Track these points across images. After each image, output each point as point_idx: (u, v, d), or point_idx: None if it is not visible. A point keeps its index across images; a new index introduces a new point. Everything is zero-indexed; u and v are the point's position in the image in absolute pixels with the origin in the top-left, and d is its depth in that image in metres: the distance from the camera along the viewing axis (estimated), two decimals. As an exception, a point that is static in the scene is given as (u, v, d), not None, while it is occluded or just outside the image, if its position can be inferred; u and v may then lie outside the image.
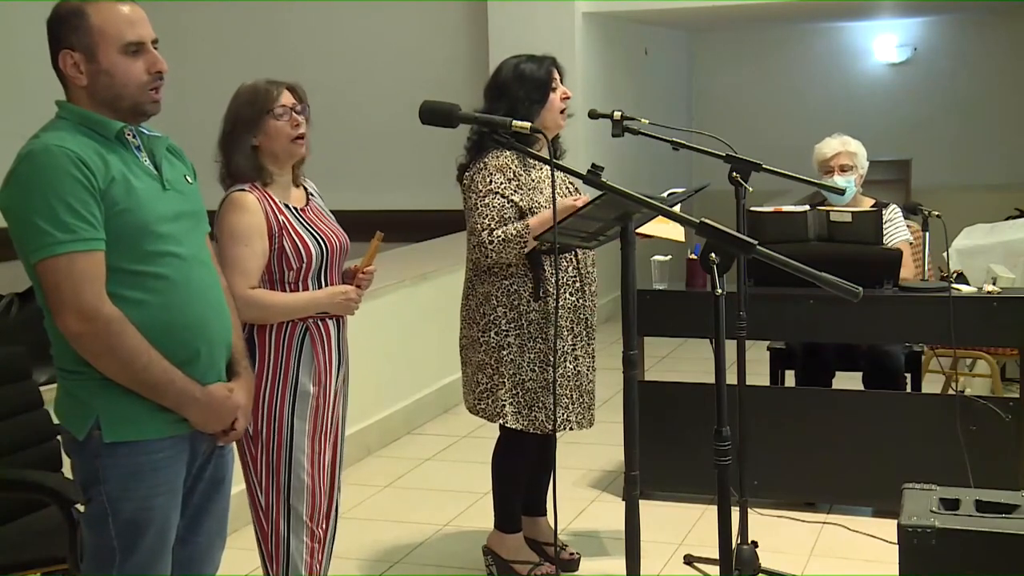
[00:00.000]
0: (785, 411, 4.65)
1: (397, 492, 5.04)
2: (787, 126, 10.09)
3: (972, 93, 10.05)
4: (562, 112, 3.84)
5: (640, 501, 3.05)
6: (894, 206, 4.92)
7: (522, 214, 3.74)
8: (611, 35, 8.65)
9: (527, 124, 2.45)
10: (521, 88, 3.74)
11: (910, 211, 4.72)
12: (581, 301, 3.86)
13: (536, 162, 3.81)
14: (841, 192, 4.40)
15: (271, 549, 3.14)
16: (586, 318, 3.89)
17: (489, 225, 3.70)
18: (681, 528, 4.47)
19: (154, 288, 2.46)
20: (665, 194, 3.51)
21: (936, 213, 4.34)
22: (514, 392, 3.79)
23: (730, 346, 2.84)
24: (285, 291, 3.10)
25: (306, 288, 3.12)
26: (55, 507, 2.98)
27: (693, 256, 4.73)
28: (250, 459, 3.11)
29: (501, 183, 3.72)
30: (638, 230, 3.70)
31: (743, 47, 10.71)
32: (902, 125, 10.08)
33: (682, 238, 3.99)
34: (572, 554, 4.15)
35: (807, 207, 4.76)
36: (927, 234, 4.50)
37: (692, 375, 5.67)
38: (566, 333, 3.83)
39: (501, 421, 3.85)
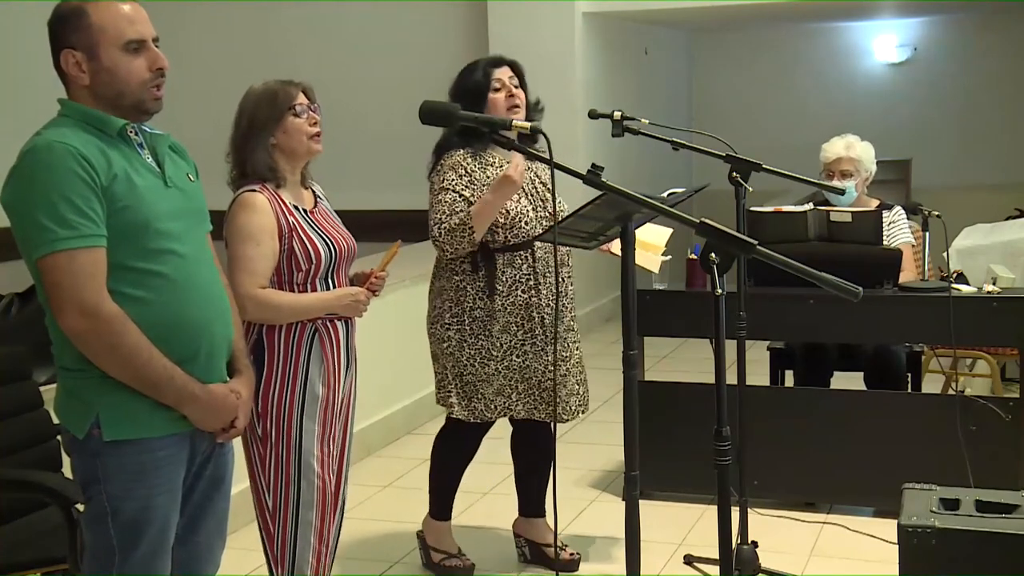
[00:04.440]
0: (785, 411, 4.65)
1: (397, 492, 5.04)
2: (787, 126, 10.09)
3: (972, 93, 10.04)
4: (513, 109, 3.83)
5: (640, 501, 3.05)
6: (898, 208, 4.92)
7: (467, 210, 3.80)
8: (611, 35, 8.65)
9: (527, 124, 2.45)
10: (462, 92, 3.80)
11: (910, 211, 4.72)
12: (535, 299, 3.88)
13: (492, 160, 3.86)
14: (841, 192, 4.40)
15: (276, 551, 3.14)
16: (543, 317, 3.90)
17: (440, 220, 3.77)
18: (681, 528, 4.47)
19: (155, 286, 2.46)
20: (665, 194, 3.51)
21: (936, 213, 4.34)
22: (456, 384, 3.90)
23: (730, 346, 2.84)
24: (294, 292, 3.11)
25: (314, 290, 3.13)
26: (55, 507, 2.98)
27: (693, 256, 4.73)
28: (258, 460, 3.11)
29: (453, 180, 3.80)
30: (613, 249, 3.74)
31: (743, 47, 10.70)
32: (902, 125, 10.07)
33: (656, 269, 3.98)
34: (572, 554, 4.15)
35: (808, 206, 4.77)
36: (927, 234, 4.49)
37: (692, 375, 5.68)
38: (514, 328, 3.86)
39: (450, 412, 3.95)
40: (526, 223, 3.83)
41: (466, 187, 3.79)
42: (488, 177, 3.82)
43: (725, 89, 10.74)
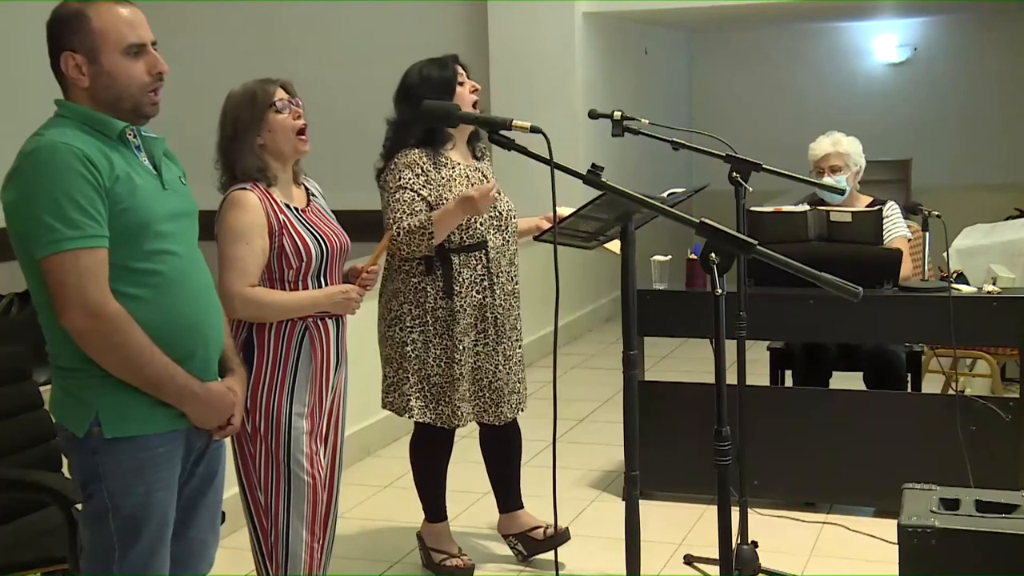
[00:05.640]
0: (785, 411, 4.65)
1: (397, 492, 5.04)
2: (787, 126, 10.08)
3: (972, 93, 10.05)
4: (474, 105, 3.90)
5: (640, 501, 3.05)
6: (892, 203, 4.93)
7: (431, 208, 3.81)
8: (611, 35, 8.65)
9: (527, 124, 2.45)
10: (428, 90, 3.78)
11: (910, 211, 4.71)
12: (490, 299, 3.90)
13: (447, 161, 3.87)
14: (841, 192, 4.40)
15: (270, 548, 3.15)
16: (495, 316, 3.93)
17: (400, 219, 3.77)
18: (681, 528, 4.47)
19: (154, 285, 2.48)
20: (665, 194, 3.51)
21: (936, 213, 4.34)
22: (420, 387, 3.88)
23: (730, 346, 2.84)
24: (285, 290, 3.11)
25: (306, 287, 3.13)
26: (55, 507, 2.98)
27: (693, 256, 4.73)
28: (249, 458, 3.11)
29: (409, 178, 3.81)
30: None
31: (743, 47, 10.70)
32: (902, 125, 10.07)
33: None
34: (549, 527, 4.16)
35: (807, 207, 4.77)
36: (927, 234, 4.49)
37: (692, 375, 5.67)
38: (471, 330, 3.88)
39: (407, 416, 3.94)
40: (480, 223, 3.86)
41: (423, 186, 3.81)
42: (443, 177, 3.84)
43: (725, 89, 10.74)
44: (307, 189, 3.29)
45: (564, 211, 3.30)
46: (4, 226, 2.45)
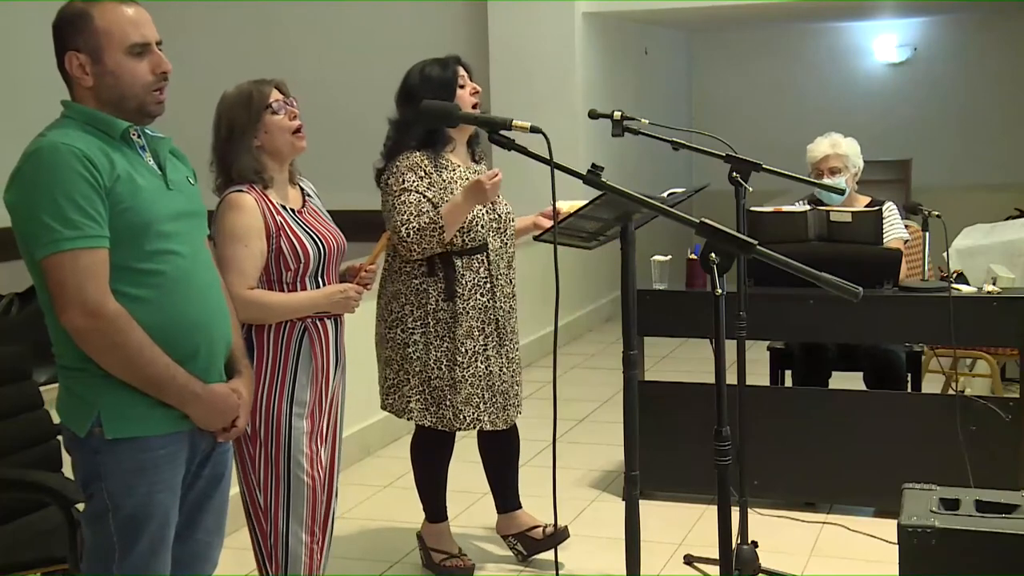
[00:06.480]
0: (785, 411, 4.65)
1: (397, 492, 5.04)
2: (787, 126, 10.09)
3: (972, 93, 10.05)
4: (474, 107, 3.89)
5: (640, 501, 3.05)
6: (890, 204, 4.93)
7: (435, 209, 3.79)
8: (611, 35, 8.65)
9: (527, 124, 2.45)
10: (428, 90, 3.76)
11: (910, 211, 4.72)
12: (492, 302, 3.90)
13: (448, 163, 3.87)
14: (841, 192, 4.40)
15: (270, 548, 3.15)
16: (497, 319, 3.93)
17: (407, 220, 3.76)
18: (681, 528, 4.47)
19: (156, 285, 2.47)
20: (665, 194, 3.51)
21: (936, 213, 4.34)
22: (420, 389, 3.87)
23: (730, 346, 2.84)
24: (283, 291, 3.11)
25: (304, 288, 3.13)
26: (55, 507, 2.98)
27: (693, 256, 4.73)
28: (249, 459, 3.11)
29: (413, 181, 3.79)
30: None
31: (743, 47, 10.71)
32: (902, 125, 10.07)
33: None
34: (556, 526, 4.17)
35: (806, 206, 4.77)
36: (927, 234, 4.49)
37: (692, 375, 5.67)
38: (476, 333, 3.87)
39: (407, 417, 3.93)
40: (482, 226, 3.86)
41: (427, 188, 3.79)
42: (444, 180, 3.83)
43: (725, 89, 10.75)
44: (302, 189, 3.29)
45: (564, 204, 3.32)
46: (4, 225, 2.46)
